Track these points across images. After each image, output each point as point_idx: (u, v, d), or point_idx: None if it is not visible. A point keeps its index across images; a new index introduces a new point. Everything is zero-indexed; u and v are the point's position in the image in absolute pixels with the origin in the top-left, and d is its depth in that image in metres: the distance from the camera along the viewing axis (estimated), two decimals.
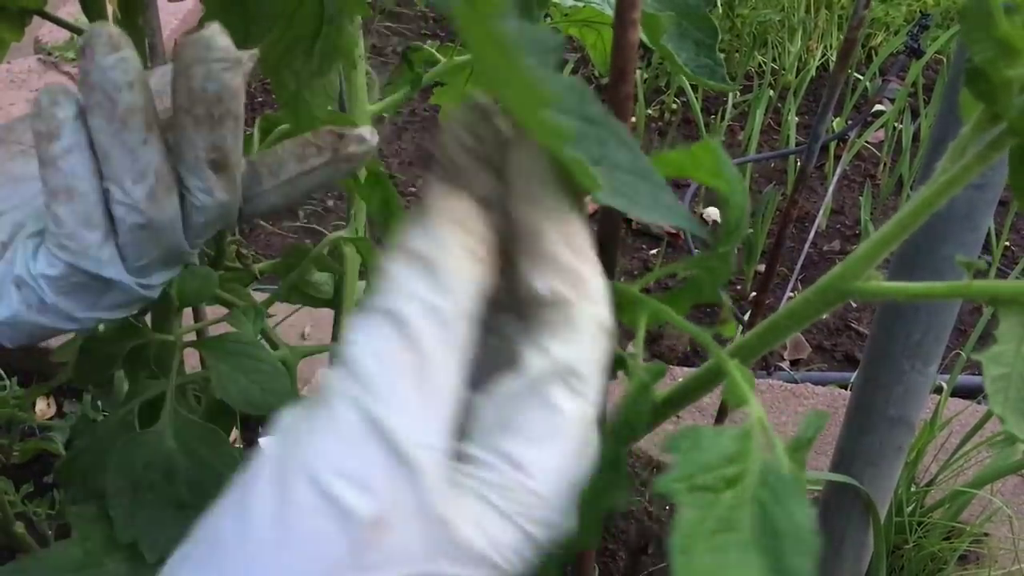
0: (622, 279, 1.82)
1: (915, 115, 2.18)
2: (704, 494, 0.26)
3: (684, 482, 0.26)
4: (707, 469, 0.26)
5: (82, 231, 0.37)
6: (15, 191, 0.39)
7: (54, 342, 0.62)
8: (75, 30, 0.67)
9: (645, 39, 0.55)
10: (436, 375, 0.26)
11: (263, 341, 0.60)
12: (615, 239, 0.36)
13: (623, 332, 0.35)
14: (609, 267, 0.35)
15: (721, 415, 0.82)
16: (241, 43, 0.54)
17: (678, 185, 2.08)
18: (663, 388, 0.39)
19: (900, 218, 0.32)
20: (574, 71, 2.32)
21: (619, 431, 0.33)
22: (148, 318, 0.59)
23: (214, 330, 0.59)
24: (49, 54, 2.08)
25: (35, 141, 0.36)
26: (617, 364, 0.38)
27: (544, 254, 0.28)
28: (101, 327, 0.56)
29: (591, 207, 0.30)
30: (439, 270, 0.26)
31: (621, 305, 0.34)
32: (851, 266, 0.32)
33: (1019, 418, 0.32)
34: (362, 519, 0.24)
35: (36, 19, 0.60)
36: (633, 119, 2.15)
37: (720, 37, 0.53)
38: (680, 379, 0.37)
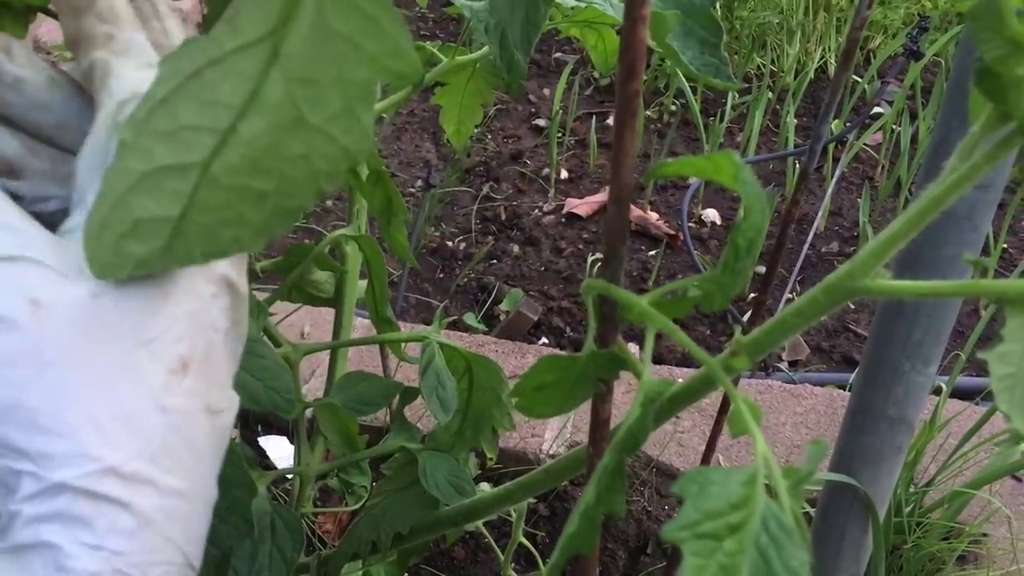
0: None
1: (913, 117, 2.18)
2: (707, 541, 0.27)
3: (689, 530, 0.27)
4: (713, 516, 0.27)
5: None
6: None
7: None
8: None
9: (648, 38, 0.55)
10: None
11: (265, 339, 0.60)
12: (622, 241, 0.36)
13: (625, 332, 0.35)
14: (616, 269, 0.35)
15: (721, 414, 0.82)
16: None
17: (678, 186, 2.08)
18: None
19: (908, 217, 0.32)
20: (573, 72, 2.32)
21: (623, 442, 0.33)
22: None
23: None
24: (48, 53, 2.08)
25: None
26: (619, 365, 0.38)
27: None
28: None
29: (594, 208, 0.31)
30: None
31: (635, 314, 0.34)
32: (859, 264, 0.32)
33: None
34: None
35: (36, 18, 0.60)
36: None
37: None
38: (680, 380, 0.37)
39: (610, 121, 2.25)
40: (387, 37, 0.26)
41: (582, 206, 1.97)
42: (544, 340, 1.68)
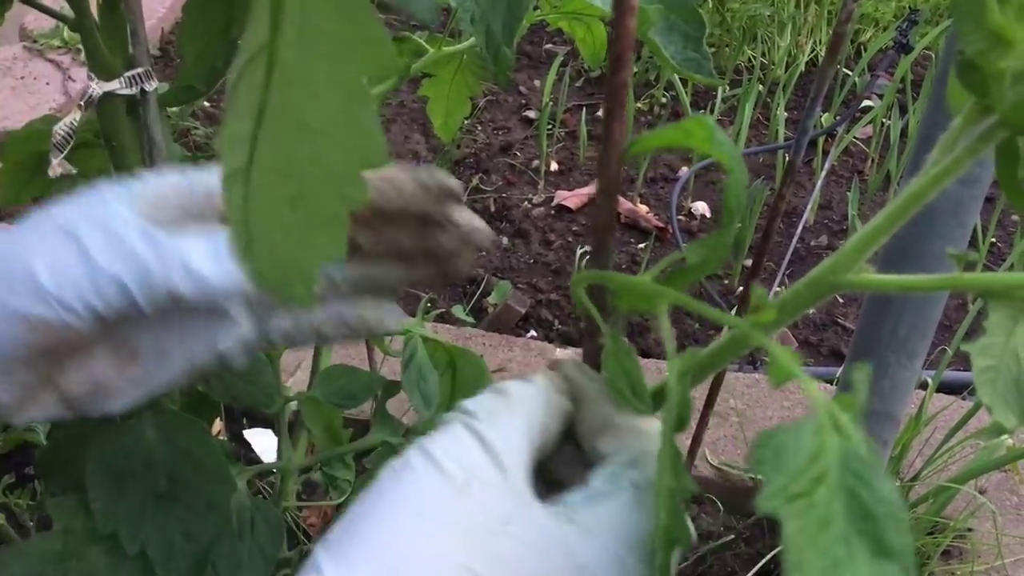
0: None
1: (903, 111, 2.18)
2: (799, 501, 0.26)
3: (780, 496, 0.26)
4: (796, 475, 0.27)
5: None
6: None
7: None
8: (60, 17, 0.66)
9: None
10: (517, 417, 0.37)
11: None
12: (610, 232, 0.35)
13: (631, 324, 0.35)
14: (604, 260, 0.35)
15: (707, 408, 0.82)
16: (223, 31, 0.53)
17: (667, 179, 2.08)
18: (653, 381, 0.38)
19: (890, 211, 0.31)
20: (564, 64, 2.31)
21: (673, 424, 0.33)
22: None
23: None
24: (35, 41, 2.06)
25: None
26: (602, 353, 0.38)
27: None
28: None
29: (584, 200, 0.31)
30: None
31: (638, 296, 0.34)
32: (842, 259, 0.32)
33: (1006, 408, 0.32)
34: (455, 478, 0.34)
35: (22, 6, 0.60)
36: None
37: (709, 31, 0.53)
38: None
39: (600, 113, 2.25)
40: (368, 28, 0.26)
41: (572, 198, 1.97)
42: (532, 333, 1.67)
